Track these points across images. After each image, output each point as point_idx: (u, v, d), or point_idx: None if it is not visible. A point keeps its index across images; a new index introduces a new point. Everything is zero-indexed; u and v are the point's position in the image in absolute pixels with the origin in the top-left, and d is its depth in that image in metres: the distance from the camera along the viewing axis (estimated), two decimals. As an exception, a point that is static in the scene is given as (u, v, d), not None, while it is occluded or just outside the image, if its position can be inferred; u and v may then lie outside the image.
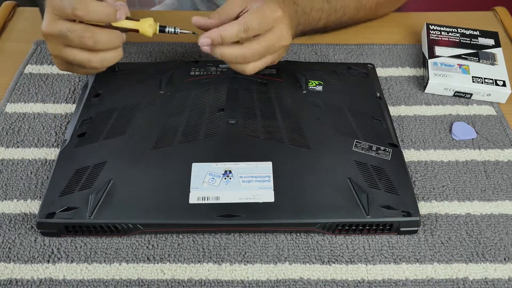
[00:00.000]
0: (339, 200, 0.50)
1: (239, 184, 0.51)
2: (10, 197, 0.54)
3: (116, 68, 0.66)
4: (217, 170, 0.52)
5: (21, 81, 0.67)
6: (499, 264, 0.49)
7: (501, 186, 0.56)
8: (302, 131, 0.57)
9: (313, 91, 0.62)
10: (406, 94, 0.67)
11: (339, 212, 0.49)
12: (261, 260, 0.49)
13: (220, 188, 0.51)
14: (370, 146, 0.55)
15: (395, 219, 0.49)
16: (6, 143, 0.59)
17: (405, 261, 0.49)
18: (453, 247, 0.50)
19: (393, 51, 0.74)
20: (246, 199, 0.50)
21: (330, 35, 0.75)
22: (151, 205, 0.50)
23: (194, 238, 0.50)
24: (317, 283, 0.47)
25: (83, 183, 0.51)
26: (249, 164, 0.53)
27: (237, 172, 0.52)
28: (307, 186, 0.51)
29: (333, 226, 0.49)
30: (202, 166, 0.52)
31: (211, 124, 0.57)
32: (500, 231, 0.52)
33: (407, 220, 0.49)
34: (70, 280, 0.47)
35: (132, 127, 0.57)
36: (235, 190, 0.50)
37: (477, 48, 0.70)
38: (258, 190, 0.50)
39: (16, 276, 0.47)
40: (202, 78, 0.64)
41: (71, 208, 0.49)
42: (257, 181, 0.51)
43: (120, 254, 0.49)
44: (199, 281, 0.47)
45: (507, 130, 0.61)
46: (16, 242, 0.50)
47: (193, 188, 0.50)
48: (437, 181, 0.56)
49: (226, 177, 0.51)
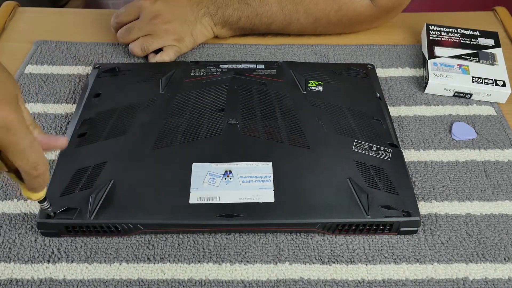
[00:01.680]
0: (339, 200, 0.50)
1: (239, 184, 0.51)
2: (10, 197, 0.54)
3: (116, 69, 0.66)
4: (217, 170, 0.52)
5: (21, 81, 0.67)
6: (499, 264, 0.49)
7: (501, 186, 0.56)
8: (302, 131, 0.57)
9: (313, 92, 0.62)
10: (406, 94, 0.67)
11: (339, 212, 0.49)
12: (261, 260, 0.49)
13: (220, 188, 0.51)
14: (370, 146, 0.55)
15: (395, 219, 0.49)
16: (6, 143, 0.59)
17: (405, 261, 0.49)
18: (453, 247, 0.50)
19: (393, 51, 0.74)
20: (246, 199, 0.50)
21: (329, 36, 0.76)
22: (152, 205, 0.50)
23: (194, 238, 0.50)
24: (317, 283, 0.47)
25: (83, 183, 0.51)
26: (249, 164, 0.53)
27: (237, 172, 0.52)
28: (307, 186, 0.51)
29: (333, 226, 0.49)
30: (202, 166, 0.52)
31: (211, 124, 0.57)
32: (500, 231, 0.52)
33: (407, 220, 0.49)
34: (70, 280, 0.47)
35: (132, 127, 0.57)
36: (235, 190, 0.50)
37: (477, 48, 0.70)
38: (258, 190, 0.50)
39: (16, 276, 0.47)
40: (202, 78, 0.64)
41: (71, 209, 0.49)
42: (257, 181, 0.51)
43: (120, 254, 0.49)
44: (199, 281, 0.47)
45: (507, 130, 0.62)
46: (16, 242, 0.50)
47: (193, 188, 0.50)
48: (437, 181, 0.56)
49: (226, 177, 0.52)
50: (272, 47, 0.74)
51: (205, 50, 0.73)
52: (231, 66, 0.66)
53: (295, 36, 0.75)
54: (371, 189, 0.51)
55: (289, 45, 0.74)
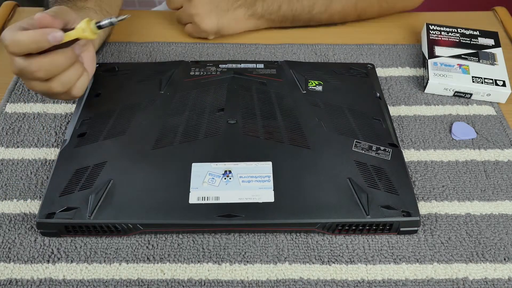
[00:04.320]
0: (339, 200, 0.50)
1: (239, 184, 0.51)
2: (10, 197, 0.54)
3: (116, 68, 0.66)
4: (217, 170, 0.52)
5: (21, 81, 0.67)
6: (499, 264, 0.49)
7: (501, 186, 0.56)
8: (302, 131, 0.57)
9: (313, 91, 0.62)
10: (406, 94, 0.67)
11: (339, 212, 0.49)
12: (261, 260, 0.49)
13: (220, 188, 0.51)
14: (370, 146, 0.55)
15: (395, 219, 0.49)
16: (6, 143, 0.59)
17: (405, 261, 0.49)
18: (453, 247, 0.50)
19: (393, 51, 0.73)
20: (246, 199, 0.50)
21: (329, 36, 0.76)
22: (151, 205, 0.50)
23: (194, 238, 0.50)
24: (317, 283, 0.47)
25: (83, 183, 0.51)
26: (249, 164, 0.53)
27: (237, 172, 0.52)
28: (307, 186, 0.51)
29: (333, 226, 0.49)
30: (202, 166, 0.52)
31: (211, 124, 0.57)
32: (500, 231, 0.52)
33: (407, 220, 0.49)
34: (70, 280, 0.47)
35: (132, 127, 0.57)
36: (235, 190, 0.50)
37: (477, 48, 0.70)
38: (258, 190, 0.50)
39: (16, 276, 0.47)
40: (202, 78, 0.64)
41: (71, 208, 0.49)
42: (257, 181, 0.51)
43: (120, 254, 0.49)
44: (199, 281, 0.47)
45: (507, 130, 0.61)
46: (16, 242, 0.50)
47: (193, 188, 0.50)
48: (437, 181, 0.56)
49: (226, 177, 0.51)
50: (272, 46, 0.74)
51: (205, 50, 0.73)
52: (230, 65, 0.66)
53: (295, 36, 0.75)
54: (371, 189, 0.51)
55: (289, 44, 0.74)
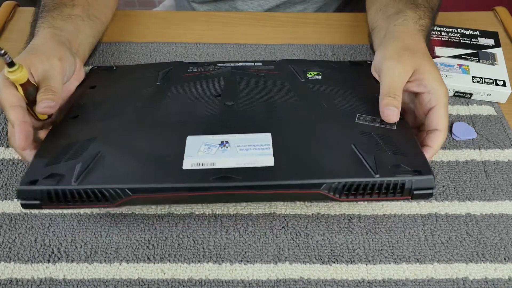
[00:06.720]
0: (345, 163, 0.47)
1: (237, 152, 0.47)
2: (10, 197, 0.54)
3: (114, 67, 0.66)
4: (213, 141, 0.49)
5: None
6: (499, 264, 0.49)
7: (501, 186, 0.56)
8: (302, 109, 0.55)
9: (312, 79, 0.61)
10: (406, 94, 0.67)
11: (346, 172, 0.46)
12: (261, 260, 0.49)
13: (217, 156, 0.47)
14: (373, 118, 0.53)
15: (406, 177, 0.45)
16: (6, 143, 0.59)
17: (405, 261, 0.49)
18: (453, 247, 0.50)
19: (393, 51, 0.73)
20: (244, 164, 0.46)
21: (329, 36, 0.76)
22: (141, 171, 0.46)
23: (194, 238, 0.50)
24: (317, 283, 0.47)
25: (70, 155, 0.48)
26: (247, 135, 0.49)
27: (234, 142, 0.49)
28: (309, 152, 0.48)
29: (339, 187, 0.45)
30: (198, 138, 0.49)
31: (208, 106, 0.55)
32: (500, 231, 0.52)
33: (419, 178, 0.45)
34: (70, 280, 0.47)
35: (125, 110, 0.55)
36: (232, 157, 0.47)
37: (477, 48, 0.70)
38: (256, 156, 0.47)
39: (16, 275, 0.47)
40: (200, 73, 0.63)
41: (55, 175, 0.45)
42: (255, 149, 0.48)
43: (120, 254, 0.49)
44: (199, 281, 0.47)
45: (507, 130, 0.62)
46: (16, 242, 0.50)
47: (188, 156, 0.47)
48: (437, 181, 0.56)
49: (222, 147, 0.48)
50: (272, 46, 0.74)
51: (205, 50, 0.73)
52: (229, 64, 0.66)
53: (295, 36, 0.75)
54: (377, 152, 0.47)
55: (289, 44, 0.74)
